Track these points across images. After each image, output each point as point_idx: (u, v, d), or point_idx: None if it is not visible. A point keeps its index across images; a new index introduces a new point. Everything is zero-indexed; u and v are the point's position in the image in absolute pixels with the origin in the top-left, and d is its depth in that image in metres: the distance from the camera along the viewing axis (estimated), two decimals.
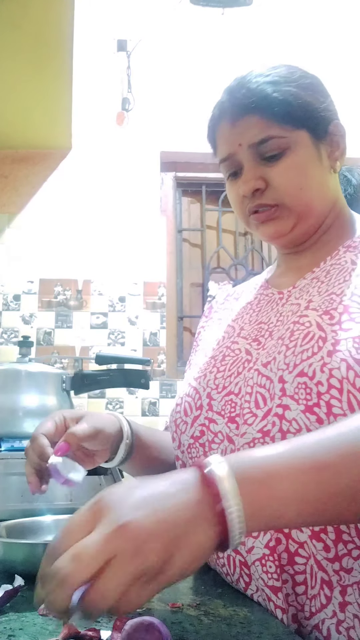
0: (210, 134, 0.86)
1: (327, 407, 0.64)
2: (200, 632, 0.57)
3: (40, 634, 0.57)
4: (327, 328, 0.69)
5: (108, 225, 2.80)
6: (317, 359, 0.66)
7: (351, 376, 0.64)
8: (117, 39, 2.96)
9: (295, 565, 0.65)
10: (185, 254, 3.00)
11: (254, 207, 0.81)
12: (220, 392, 0.78)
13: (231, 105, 0.80)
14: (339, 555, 0.63)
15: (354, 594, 0.62)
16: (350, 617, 0.62)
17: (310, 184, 0.79)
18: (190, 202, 3.07)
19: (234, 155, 0.81)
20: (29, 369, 1.40)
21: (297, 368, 0.68)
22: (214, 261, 3.00)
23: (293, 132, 0.78)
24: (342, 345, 0.66)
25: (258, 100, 0.78)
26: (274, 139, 0.77)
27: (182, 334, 2.90)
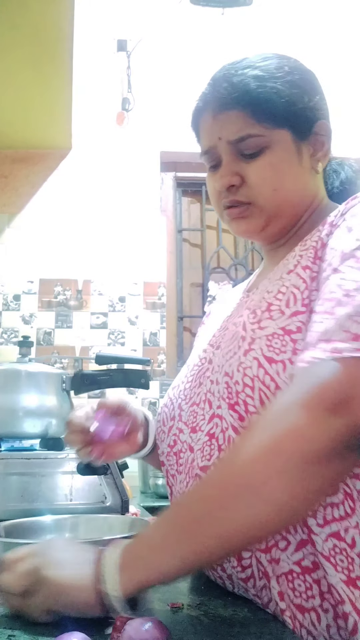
0: (194, 125, 0.86)
1: (244, 405, 0.66)
2: (200, 632, 0.57)
3: (40, 634, 0.57)
4: (249, 327, 0.70)
5: (108, 225, 2.80)
6: (235, 359, 0.68)
7: (261, 374, 0.65)
8: (117, 39, 2.96)
9: (242, 560, 0.67)
10: (185, 254, 3.00)
11: (228, 203, 0.80)
12: (187, 403, 0.79)
13: (213, 98, 0.79)
14: (269, 547, 0.65)
15: (283, 584, 0.64)
16: (282, 605, 0.64)
17: (286, 185, 0.78)
18: (190, 202, 3.07)
19: (214, 148, 0.80)
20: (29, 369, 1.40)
21: (223, 369, 0.70)
22: (214, 261, 3.00)
23: (273, 130, 0.76)
24: (257, 343, 0.67)
25: (240, 95, 0.76)
26: (252, 137, 0.76)
27: (182, 334, 2.90)
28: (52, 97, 2.37)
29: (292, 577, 0.63)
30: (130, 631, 0.51)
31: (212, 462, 0.70)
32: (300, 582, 0.63)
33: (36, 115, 2.51)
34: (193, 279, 2.99)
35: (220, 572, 0.71)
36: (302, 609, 0.63)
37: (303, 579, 0.63)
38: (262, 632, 0.58)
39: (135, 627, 0.51)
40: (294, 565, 0.63)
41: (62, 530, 0.94)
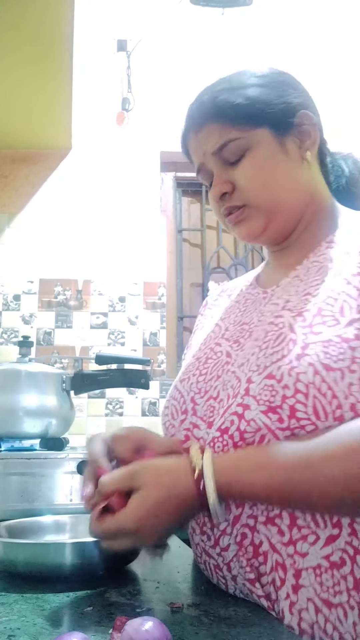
0: (184, 150, 0.89)
1: (290, 410, 0.65)
2: (200, 632, 0.57)
3: (40, 634, 0.57)
4: (299, 330, 0.69)
5: (108, 225, 2.80)
6: (285, 362, 0.67)
7: (317, 381, 0.64)
8: (117, 39, 2.96)
9: (259, 557, 0.67)
10: (185, 254, 3.00)
11: (225, 210, 0.82)
12: (202, 397, 0.78)
13: (191, 118, 0.84)
14: (293, 540, 0.64)
15: (309, 577, 0.63)
16: (303, 599, 0.63)
17: (275, 180, 0.80)
18: (190, 202, 3.07)
19: (204, 164, 0.84)
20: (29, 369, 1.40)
21: (267, 370, 0.68)
22: (214, 261, 3.00)
23: (251, 131, 0.79)
24: (311, 349, 0.66)
25: (211, 109, 0.80)
26: (232, 142, 0.79)
27: (182, 334, 2.90)
28: (52, 97, 2.36)
29: (320, 571, 0.63)
30: (130, 631, 0.51)
31: None
32: (328, 577, 0.63)
33: (36, 115, 2.50)
34: (193, 279, 2.98)
35: (225, 572, 0.71)
36: (329, 604, 0.63)
37: (331, 574, 0.63)
38: (262, 632, 0.58)
39: (135, 627, 0.51)
40: (322, 560, 0.63)
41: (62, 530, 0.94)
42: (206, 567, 0.75)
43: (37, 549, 0.79)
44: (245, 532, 0.68)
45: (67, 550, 0.76)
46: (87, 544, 0.77)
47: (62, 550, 0.76)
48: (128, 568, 0.83)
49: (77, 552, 0.76)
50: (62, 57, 2.14)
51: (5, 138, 2.69)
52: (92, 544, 0.77)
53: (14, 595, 0.69)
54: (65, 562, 0.75)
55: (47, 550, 0.78)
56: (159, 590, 0.73)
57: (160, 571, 0.86)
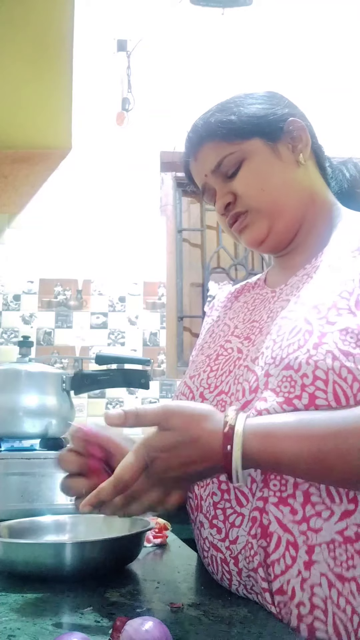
0: (187, 177, 0.96)
1: (309, 398, 0.66)
2: (200, 632, 0.57)
3: (40, 634, 0.57)
4: (315, 322, 0.70)
5: (108, 225, 2.80)
6: (303, 352, 0.68)
7: (337, 366, 0.65)
8: (117, 39, 2.96)
9: (266, 537, 0.67)
10: (185, 254, 3.00)
11: (230, 220, 0.87)
12: (212, 392, 0.80)
13: (188, 144, 0.91)
14: (307, 517, 0.65)
15: (322, 553, 0.64)
16: (316, 575, 0.64)
17: (272, 183, 0.84)
18: (190, 202, 3.07)
19: (207, 184, 0.89)
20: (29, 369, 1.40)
21: (284, 362, 0.69)
22: (214, 261, 3.00)
23: (244, 143, 0.84)
24: (328, 337, 0.68)
25: (206, 130, 0.87)
26: (227, 157, 0.85)
27: (182, 334, 2.90)
28: (52, 97, 2.36)
29: (334, 546, 0.64)
30: (130, 631, 0.51)
31: None
32: (341, 552, 0.64)
33: (36, 115, 2.51)
34: (193, 279, 2.98)
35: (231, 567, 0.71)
36: (342, 578, 0.64)
37: (345, 549, 0.64)
38: (262, 632, 0.58)
39: (135, 627, 0.51)
40: (336, 535, 0.64)
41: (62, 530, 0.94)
42: (212, 562, 0.75)
43: (37, 549, 0.79)
44: (255, 515, 0.69)
45: (67, 550, 0.76)
46: (87, 544, 0.77)
47: (62, 550, 0.76)
48: (128, 568, 0.83)
49: (77, 552, 0.76)
50: (62, 57, 2.15)
51: (5, 138, 2.69)
52: (92, 544, 0.77)
53: (14, 595, 0.69)
54: (65, 562, 0.75)
55: (47, 550, 0.78)
56: (159, 590, 0.73)
57: (160, 571, 0.86)
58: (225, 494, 0.72)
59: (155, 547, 1.02)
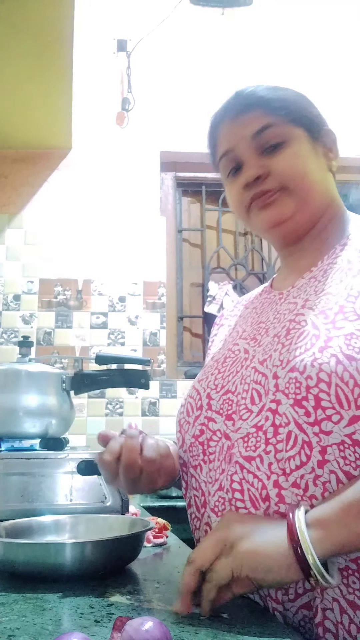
0: (212, 133, 0.91)
1: (315, 400, 0.67)
2: (200, 632, 0.57)
3: (40, 634, 0.57)
4: (322, 327, 0.71)
5: (108, 225, 2.80)
6: (308, 355, 0.69)
7: (340, 370, 0.66)
8: (117, 39, 2.96)
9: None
10: (185, 254, 3.00)
11: (255, 194, 0.84)
12: (219, 392, 0.81)
13: (234, 104, 0.86)
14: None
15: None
16: (328, 599, 0.65)
17: (312, 173, 0.83)
18: (190, 202, 3.07)
19: (234, 150, 0.85)
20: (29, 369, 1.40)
21: (290, 364, 0.70)
22: (214, 261, 3.00)
23: (290, 127, 0.83)
24: (334, 341, 0.69)
25: (258, 98, 0.85)
26: (273, 127, 0.83)
27: (182, 334, 2.90)
28: (52, 97, 2.36)
29: (348, 573, 0.65)
30: (130, 631, 0.51)
31: (258, 453, 0.70)
32: (355, 580, 0.64)
33: (36, 115, 2.51)
34: (193, 279, 2.98)
35: None
36: (354, 605, 0.64)
37: (358, 577, 0.64)
38: (262, 632, 0.58)
39: (135, 627, 0.51)
40: (350, 562, 0.65)
41: (62, 530, 0.94)
42: None
43: (37, 549, 0.79)
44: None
45: (67, 550, 0.76)
46: (87, 544, 0.77)
47: (62, 550, 0.76)
48: (128, 568, 0.83)
49: (77, 552, 0.76)
50: (62, 57, 2.14)
51: (5, 138, 2.69)
52: (92, 544, 0.77)
53: (14, 595, 0.69)
54: (65, 562, 0.75)
55: (47, 550, 0.78)
56: (159, 590, 0.73)
57: (160, 571, 0.86)
58: (236, 492, 0.72)
59: (155, 547, 1.02)
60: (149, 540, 1.03)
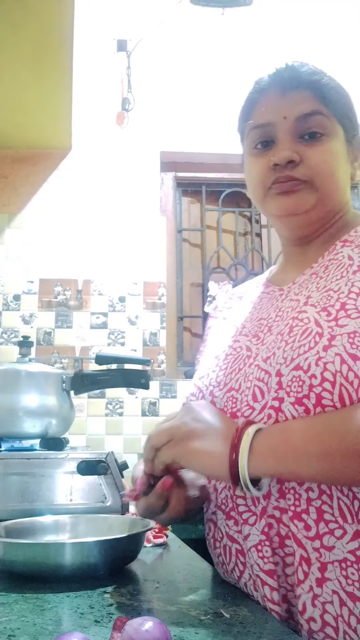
0: (251, 98, 0.86)
1: (316, 398, 0.67)
2: (200, 632, 0.57)
3: (40, 634, 0.57)
4: (324, 324, 0.71)
5: (108, 225, 2.80)
6: (312, 353, 0.69)
7: (344, 370, 0.66)
8: (117, 39, 2.96)
9: (285, 548, 0.69)
10: (185, 254, 3.00)
11: (282, 178, 0.81)
12: (222, 389, 0.80)
13: (287, 77, 0.82)
14: (320, 534, 0.66)
15: (335, 571, 0.65)
16: (328, 592, 0.65)
17: (340, 173, 0.83)
18: (190, 202, 3.07)
19: (272, 125, 0.82)
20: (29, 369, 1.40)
21: (294, 362, 0.70)
22: (214, 261, 3.00)
23: (334, 121, 0.82)
24: (338, 340, 0.68)
25: (313, 79, 0.81)
26: (319, 115, 0.80)
27: (182, 334, 2.90)
28: (52, 97, 2.36)
29: (346, 565, 0.65)
30: (130, 631, 0.51)
31: None
32: (353, 571, 0.64)
33: (36, 115, 2.51)
34: (193, 279, 2.98)
35: (247, 559, 0.72)
36: (353, 597, 0.64)
37: (357, 568, 0.64)
38: (262, 632, 0.58)
39: (135, 627, 0.51)
40: (348, 554, 0.65)
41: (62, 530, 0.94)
42: (224, 552, 0.77)
43: (37, 549, 0.79)
44: (272, 522, 0.70)
45: (67, 550, 0.76)
46: (87, 544, 0.77)
47: (62, 550, 0.76)
48: (128, 568, 0.83)
49: (77, 552, 0.76)
50: (62, 57, 2.14)
51: (5, 138, 2.69)
52: (92, 544, 0.77)
53: (14, 595, 0.69)
54: (65, 562, 0.75)
55: (47, 550, 0.78)
56: (159, 590, 0.73)
57: (160, 571, 0.86)
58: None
59: (155, 547, 1.02)
60: (149, 540, 1.03)
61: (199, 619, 0.61)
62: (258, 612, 0.65)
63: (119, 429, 2.59)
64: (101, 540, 0.79)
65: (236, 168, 3.07)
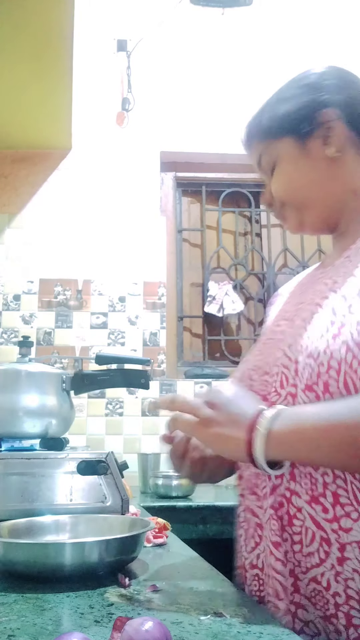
0: None
1: (324, 385, 0.70)
2: (200, 632, 0.57)
3: (40, 634, 0.57)
4: (339, 312, 0.74)
5: (108, 225, 2.80)
6: (323, 341, 0.72)
7: (349, 358, 0.69)
8: (117, 39, 2.96)
9: (293, 527, 0.73)
10: (185, 254, 3.00)
11: (273, 211, 0.95)
12: (257, 373, 0.85)
13: (243, 138, 0.97)
14: (337, 517, 0.70)
15: (354, 551, 0.68)
16: (349, 570, 0.68)
17: (299, 183, 0.88)
18: (190, 202, 3.07)
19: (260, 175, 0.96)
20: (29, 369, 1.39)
21: (308, 350, 0.74)
22: (214, 261, 3.00)
23: (275, 142, 0.89)
24: (346, 328, 0.71)
25: (254, 129, 0.93)
26: (264, 154, 0.91)
27: (182, 334, 2.90)
28: (52, 97, 2.36)
29: None
30: (130, 631, 0.51)
31: None
32: None
33: (36, 115, 2.50)
34: (193, 279, 2.98)
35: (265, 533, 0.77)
36: None
37: None
38: (262, 632, 0.58)
39: (135, 627, 0.51)
40: None
41: (62, 530, 0.94)
42: (246, 525, 0.82)
43: (37, 549, 0.79)
44: (282, 501, 0.75)
45: (67, 550, 0.76)
46: (87, 544, 0.77)
47: (62, 550, 0.76)
48: (128, 568, 0.84)
49: (77, 552, 0.76)
50: (63, 57, 2.14)
51: (5, 138, 2.69)
52: (92, 544, 0.77)
53: (14, 595, 0.70)
54: (65, 562, 0.75)
55: (47, 550, 0.78)
56: (159, 590, 0.73)
57: (160, 571, 0.86)
58: None
59: (155, 547, 1.02)
60: (149, 540, 1.03)
61: (199, 619, 0.61)
62: (258, 612, 0.65)
63: (119, 429, 2.59)
64: (101, 540, 0.79)
65: (236, 168, 3.09)
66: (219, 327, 2.89)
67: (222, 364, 2.83)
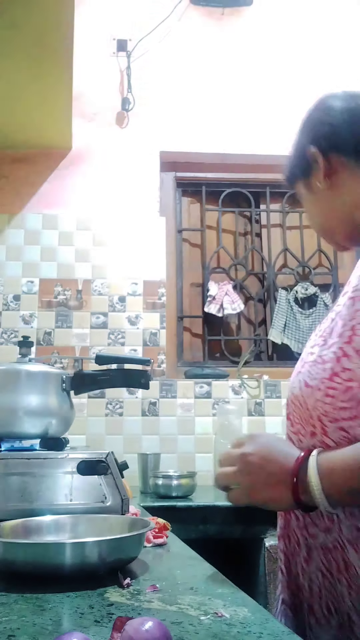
0: None
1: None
2: (200, 632, 0.57)
3: (40, 634, 0.57)
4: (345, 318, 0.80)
5: (108, 225, 2.80)
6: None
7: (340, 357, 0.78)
8: (117, 39, 2.96)
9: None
10: (185, 254, 3.00)
11: None
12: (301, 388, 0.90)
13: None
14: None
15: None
16: None
17: (315, 215, 1.00)
18: (190, 202, 3.07)
19: None
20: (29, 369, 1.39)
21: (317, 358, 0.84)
22: (214, 261, 3.00)
23: (295, 187, 1.03)
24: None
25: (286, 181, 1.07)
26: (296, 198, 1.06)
27: (182, 334, 2.90)
28: (52, 97, 2.36)
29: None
30: (130, 631, 0.51)
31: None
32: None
33: (36, 115, 2.50)
34: (193, 279, 2.98)
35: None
36: None
37: None
38: (262, 632, 0.58)
39: (135, 627, 0.51)
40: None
41: (62, 530, 0.94)
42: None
43: (37, 549, 0.79)
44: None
45: (67, 550, 0.76)
46: (87, 544, 0.77)
47: (62, 550, 0.76)
48: (128, 568, 0.84)
49: (77, 552, 0.76)
50: (62, 58, 2.14)
51: (5, 138, 2.69)
52: (92, 544, 0.77)
53: (14, 595, 0.70)
54: (65, 562, 0.75)
55: (47, 550, 0.78)
56: (159, 590, 0.73)
57: (160, 571, 0.86)
58: None
59: (155, 547, 1.02)
60: (149, 540, 1.03)
61: (198, 619, 0.61)
62: (258, 612, 0.65)
63: (119, 429, 2.59)
64: (101, 540, 0.79)
65: (236, 168, 3.09)
66: (219, 327, 2.89)
67: (222, 364, 2.83)
